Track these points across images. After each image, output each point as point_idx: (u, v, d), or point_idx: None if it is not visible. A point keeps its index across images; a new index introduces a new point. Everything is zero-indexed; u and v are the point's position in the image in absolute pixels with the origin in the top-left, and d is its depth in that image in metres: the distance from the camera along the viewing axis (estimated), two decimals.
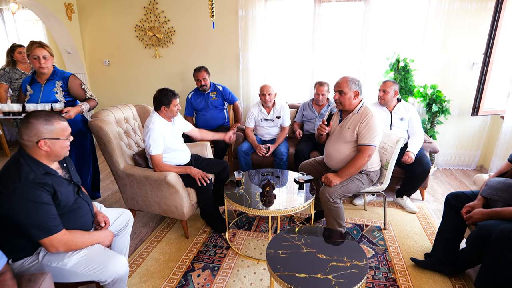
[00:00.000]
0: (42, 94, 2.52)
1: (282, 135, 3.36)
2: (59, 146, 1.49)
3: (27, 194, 1.34)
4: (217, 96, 3.70)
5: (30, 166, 1.40)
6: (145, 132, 2.36)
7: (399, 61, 3.50)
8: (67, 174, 1.61)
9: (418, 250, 2.36)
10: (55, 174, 1.49)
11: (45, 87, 2.52)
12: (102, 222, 1.74)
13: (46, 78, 2.53)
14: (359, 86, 2.27)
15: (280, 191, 2.39)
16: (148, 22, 4.27)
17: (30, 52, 2.39)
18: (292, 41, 4.01)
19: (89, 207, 1.69)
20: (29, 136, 1.41)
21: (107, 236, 1.67)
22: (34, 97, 2.52)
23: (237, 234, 2.60)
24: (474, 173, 3.80)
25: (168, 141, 2.43)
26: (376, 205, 3.04)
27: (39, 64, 2.41)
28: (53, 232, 1.40)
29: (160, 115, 2.44)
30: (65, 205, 1.50)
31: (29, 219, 1.34)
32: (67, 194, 1.50)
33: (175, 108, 2.43)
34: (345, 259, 1.53)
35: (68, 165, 1.66)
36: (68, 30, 4.33)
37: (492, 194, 1.90)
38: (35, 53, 2.39)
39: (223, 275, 2.13)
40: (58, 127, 1.48)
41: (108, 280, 1.55)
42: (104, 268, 1.52)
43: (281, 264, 1.50)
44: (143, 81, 4.59)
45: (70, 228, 1.50)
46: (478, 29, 3.47)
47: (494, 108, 3.49)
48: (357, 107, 2.29)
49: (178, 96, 2.46)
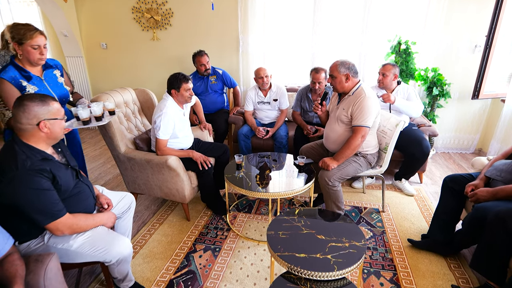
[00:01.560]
0: (51, 88, 2.08)
1: (281, 118, 3.35)
2: (58, 126, 1.49)
3: (26, 182, 1.34)
4: (217, 80, 3.67)
5: (25, 153, 1.39)
6: (158, 114, 2.36)
7: (400, 43, 3.46)
8: (63, 158, 1.61)
9: (415, 232, 2.41)
10: (52, 159, 1.48)
11: (46, 80, 2.07)
12: (105, 204, 1.77)
13: (40, 68, 2.06)
14: (350, 69, 2.26)
15: (280, 174, 2.42)
16: (146, 4, 4.18)
17: (28, 40, 1.86)
18: (292, 24, 3.94)
19: (90, 190, 1.70)
20: (28, 119, 1.39)
21: (110, 218, 1.70)
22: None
23: (237, 216, 2.65)
24: (472, 156, 3.83)
25: (177, 128, 2.45)
26: (374, 188, 3.08)
27: (40, 55, 1.93)
28: (58, 217, 1.41)
29: (173, 99, 2.43)
30: (66, 190, 1.51)
31: (32, 206, 1.36)
32: (66, 178, 1.51)
33: (186, 93, 2.42)
34: (344, 239, 1.56)
35: (63, 149, 1.65)
36: (64, 12, 4.24)
37: (495, 174, 1.93)
38: (36, 42, 1.88)
39: (224, 256, 2.18)
40: (54, 107, 1.47)
41: (113, 260, 1.59)
42: (108, 249, 1.56)
43: (281, 245, 1.53)
44: (142, 64, 4.54)
45: (73, 212, 1.52)
46: (481, 11, 3.41)
47: (494, 92, 3.47)
48: (352, 89, 2.29)
49: (190, 80, 2.42)
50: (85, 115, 2.02)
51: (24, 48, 1.88)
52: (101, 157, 3.98)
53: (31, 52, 1.89)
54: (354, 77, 2.29)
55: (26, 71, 1.95)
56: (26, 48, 1.88)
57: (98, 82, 4.87)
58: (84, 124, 2.04)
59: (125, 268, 1.72)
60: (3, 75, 1.88)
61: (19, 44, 1.87)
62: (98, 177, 3.43)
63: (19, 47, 1.87)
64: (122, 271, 1.71)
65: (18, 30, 1.85)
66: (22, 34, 1.84)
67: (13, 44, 1.87)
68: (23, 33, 1.84)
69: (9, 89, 1.89)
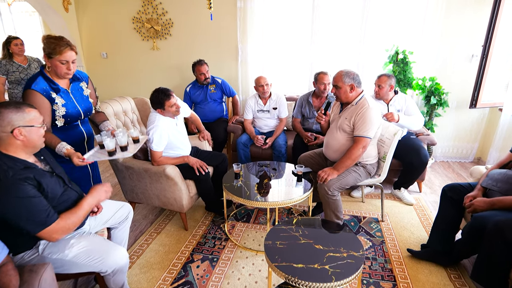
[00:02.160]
0: (77, 101, 2.05)
1: (280, 127, 3.36)
2: (35, 134, 1.43)
3: (11, 192, 1.29)
4: (216, 89, 3.69)
5: (6, 164, 1.33)
6: (150, 127, 2.36)
7: (398, 53, 3.49)
8: (47, 166, 1.56)
9: (415, 241, 2.40)
10: (35, 167, 1.44)
11: (73, 93, 2.04)
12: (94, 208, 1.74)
13: (67, 81, 2.03)
14: (355, 79, 2.27)
15: (279, 183, 2.41)
16: (146, 14, 4.23)
17: (57, 55, 1.84)
18: (290, 33, 3.99)
19: (78, 195, 1.65)
20: (1, 126, 1.34)
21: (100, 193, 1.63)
22: (70, 108, 2.00)
23: (236, 226, 2.63)
24: (472, 165, 3.82)
25: (173, 137, 2.45)
26: (373, 197, 3.07)
27: (67, 70, 1.90)
28: (49, 223, 1.36)
29: (161, 115, 2.43)
30: (54, 197, 1.46)
31: (20, 215, 1.31)
32: (52, 185, 1.46)
33: (171, 109, 2.37)
34: (342, 249, 1.55)
35: (46, 157, 1.60)
36: (65, 22, 4.29)
37: (491, 185, 1.92)
38: (65, 57, 1.85)
39: (222, 266, 2.16)
40: (31, 114, 1.42)
41: (109, 270, 1.57)
42: (104, 259, 1.54)
43: (278, 255, 1.52)
44: (142, 73, 4.57)
45: None
46: (477, 21, 3.45)
47: (492, 101, 3.49)
48: (356, 99, 2.30)
49: (172, 96, 2.34)
50: (111, 146, 1.94)
51: (52, 62, 1.87)
52: (99, 165, 3.96)
53: (59, 66, 1.88)
54: (358, 87, 2.30)
55: (55, 83, 1.94)
56: (54, 62, 1.86)
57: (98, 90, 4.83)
58: (110, 155, 1.96)
59: (121, 279, 1.70)
60: (34, 86, 1.84)
61: (48, 57, 1.86)
62: None
63: (48, 60, 1.87)
64: (118, 282, 1.69)
65: (49, 43, 1.84)
66: (52, 49, 1.83)
67: (43, 55, 1.88)
68: (53, 47, 1.83)
69: (41, 101, 1.86)
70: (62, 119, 1.96)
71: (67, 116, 1.98)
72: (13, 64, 3.40)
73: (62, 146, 1.86)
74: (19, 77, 3.45)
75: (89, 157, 1.98)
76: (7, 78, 3.37)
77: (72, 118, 2.03)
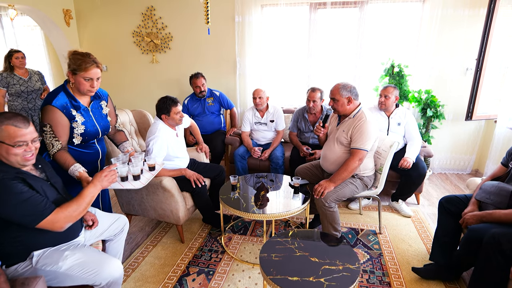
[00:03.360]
0: (96, 120, 2.01)
1: (277, 139, 3.38)
2: (6, 151, 1.36)
3: (4, 189, 1.31)
4: (214, 101, 3.72)
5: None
6: (150, 138, 2.37)
7: (393, 66, 3.55)
8: (43, 173, 1.57)
9: (413, 254, 2.38)
10: (27, 174, 1.45)
11: (92, 111, 2.00)
12: (89, 221, 1.75)
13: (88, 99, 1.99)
14: (352, 92, 2.30)
15: (276, 195, 2.41)
16: (146, 28, 4.31)
17: (82, 72, 1.80)
18: (288, 47, 4.05)
19: None
20: None
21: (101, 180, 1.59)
22: (89, 126, 1.95)
23: (232, 238, 2.61)
24: (469, 177, 3.82)
25: (171, 149, 2.46)
26: (371, 209, 3.06)
27: (90, 88, 1.85)
28: (46, 214, 1.37)
29: (164, 123, 2.46)
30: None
31: (16, 210, 1.32)
32: (45, 191, 1.46)
33: (176, 116, 2.43)
34: (338, 262, 1.54)
35: (43, 166, 1.60)
36: (66, 36, 4.36)
37: (485, 198, 1.92)
38: (90, 74, 1.81)
39: (218, 279, 2.13)
40: (6, 131, 1.35)
41: (103, 283, 1.55)
42: (99, 271, 1.52)
43: (274, 268, 1.51)
44: (141, 86, 4.62)
45: None
46: (471, 35, 3.52)
47: (487, 113, 3.52)
48: (353, 112, 2.33)
49: (178, 104, 2.44)
50: (123, 172, 1.86)
51: (76, 78, 1.82)
52: None
53: (82, 83, 1.83)
54: (355, 99, 2.32)
55: (76, 100, 1.89)
56: (78, 79, 1.82)
57: None
58: (122, 180, 1.88)
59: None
60: (55, 103, 1.79)
61: (73, 73, 1.82)
62: None
63: (73, 76, 1.82)
64: None
65: (75, 59, 1.80)
66: (78, 65, 1.79)
67: (67, 71, 1.84)
68: (79, 64, 1.79)
69: (60, 118, 1.81)
70: (79, 137, 1.92)
71: (85, 134, 1.94)
72: (14, 77, 3.44)
73: (75, 168, 1.82)
74: (20, 89, 3.49)
75: None
76: (7, 90, 3.40)
77: (90, 137, 1.99)
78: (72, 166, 1.81)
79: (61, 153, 1.82)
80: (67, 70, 1.83)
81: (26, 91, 3.55)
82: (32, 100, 3.65)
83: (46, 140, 1.80)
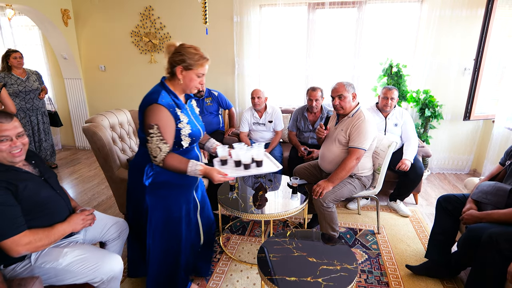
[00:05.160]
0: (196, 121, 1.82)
1: (276, 139, 3.38)
2: None
3: None
4: (212, 101, 3.72)
5: None
6: None
7: (392, 66, 3.55)
8: (36, 168, 1.55)
9: (411, 254, 2.38)
10: (18, 170, 1.44)
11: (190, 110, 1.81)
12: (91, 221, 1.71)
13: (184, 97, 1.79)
14: (354, 88, 2.35)
15: (274, 195, 2.41)
16: (144, 28, 4.31)
17: (198, 68, 1.64)
18: (286, 47, 4.06)
19: (65, 203, 1.63)
20: None
21: (76, 222, 1.57)
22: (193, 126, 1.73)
23: (231, 238, 2.61)
24: (467, 177, 3.82)
25: None
26: (369, 209, 3.06)
27: (198, 84, 1.70)
28: (10, 235, 1.31)
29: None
30: (36, 202, 1.44)
31: None
32: (34, 187, 1.44)
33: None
34: (336, 262, 1.54)
35: (37, 162, 1.58)
36: (64, 36, 4.36)
37: (482, 197, 1.93)
38: (203, 70, 1.67)
39: (216, 279, 2.13)
40: None
41: (104, 278, 1.54)
42: (99, 266, 1.51)
43: (271, 268, 1.51)
44: (139, 86, 4.61)
45: (45, 224, 1.46)
46: (468, 35, 3.53)
47: (485, 113, 3.53)
48: (352, 111, 2.33)
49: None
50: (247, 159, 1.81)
51: (188, 74, 1.63)
52: (95, 177, 3.96)
53: (194, 79, 1.65)
54: (355, 97, 2.34)
55: (178, 98, 1.67)
56: (191, 75, 1.63)
57: (95, 103, 4.92)
58: (245, 168, 1.82)
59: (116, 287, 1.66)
60: (161, 101, 1.57)
61: (186, 69, 1.62)
62: (91, 198, 3.40)
63: (184, 71, 1.62)
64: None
65: (191, 54, 1.62)
66: (196, 60, 1.62)
67: (177, 67, 1.62)
68: (197, 59, 1.62)
69: (168, 118, 1.59)
70: (188, 139, 1.68)
71: (192, 135, 1.70)
72: (11, 76, 3.43)
73: (194, 164, 1.61)
74: (17, 89, 3.48)
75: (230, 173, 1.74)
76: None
77: (196, 138, 1.75)
78: (189, 164, 1.60)
79: (170, 156, 1.60)
80: (177, 66, 1.61)
81: (24, 91, 3.54)
82: (30, 100, 3.64)
83: (152, 144, 1.57)
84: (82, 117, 4.91)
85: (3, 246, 1.31)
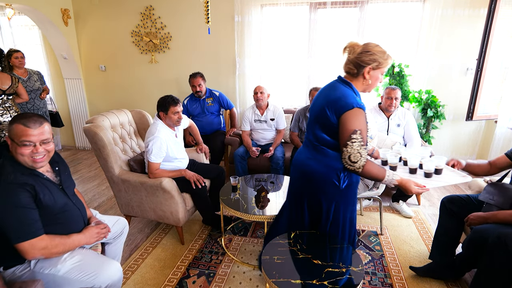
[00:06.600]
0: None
1: (279, 138, 3.37)
2: (15, 150, 1.38)
3: (5, 195, 1.30)
4: (213, 102, 3.70)
5: (12, 167, 1.37)
6: (150, 138, 2.34)
7: (394, 66, 3.53)
8: (57, 177, 1.57)
9: (415, 255, 2.36)
10: (40, 175, 1.45)
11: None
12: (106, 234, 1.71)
13: None
14: None
15: (276, 196, 2.39)
16: (145, 28, 4.28)
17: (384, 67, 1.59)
18: (288, 47, 4.04)
19: (80, 213, 1.65)
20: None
21: (91, 236, 1.60)
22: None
23: (233, 240, 2.59)
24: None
25: (170, 150, 2.44)
26: (372, 210, 3.04)
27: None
28: (30, 237, 1.33)
29: (163, 122, 2.43)
30: (52, 210, 1.45)
31: (5, 221, 1.31)
32: (53, 196, 1.46)
33: (174, 116, 2.39)
34: (341, 265, 1.52)
35: (60, 169, 1.60)
36: (65, 35, 4.33)
37: (488, 198, 1.91)
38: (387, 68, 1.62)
39: (218, 281, 2.11)
40: (15, 129, 1.37)
41: (102, 286, 1.53)
42: (98, 274, 1.50)
43: (276, 270, 1.49)
44: (139, 86, 4.59)
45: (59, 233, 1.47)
46: (471, 35, 3.52)
47: (488, 113, 3.52)
48: None
49: (178, 104, 2.39)
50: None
51: (375, 73, 1.59)
52: (95, 178, 3.94)
53: (379, 78, 1.62)
54: None
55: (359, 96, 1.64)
56: (376, 74, 1.59)
57: (96, 103, 4.90)
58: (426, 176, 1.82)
59: None
60: (360, 104, 1.52)
61: (374, 69, 1.57)
62: (92, 199, 3.38)
63: (372, 71, 1.58)
64: None
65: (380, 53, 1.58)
66: (385, 58, 1.58)
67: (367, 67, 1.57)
68: (386, 57, 1.59)
69: (365, 122, 1.54)
70: (370, 140, 1.69)
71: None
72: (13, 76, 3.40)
73: (391, 174, 1.58)
74: None
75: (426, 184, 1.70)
76: None
77: None
78: (387, 173, 1.57)
79: (369, 162, 1.54)
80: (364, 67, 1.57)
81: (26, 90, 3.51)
82: (31, 100, 3.61)
83: (353, 150, 1.50)
84: (82, 117, 4.89)
85: (20, 247, 1.33)
